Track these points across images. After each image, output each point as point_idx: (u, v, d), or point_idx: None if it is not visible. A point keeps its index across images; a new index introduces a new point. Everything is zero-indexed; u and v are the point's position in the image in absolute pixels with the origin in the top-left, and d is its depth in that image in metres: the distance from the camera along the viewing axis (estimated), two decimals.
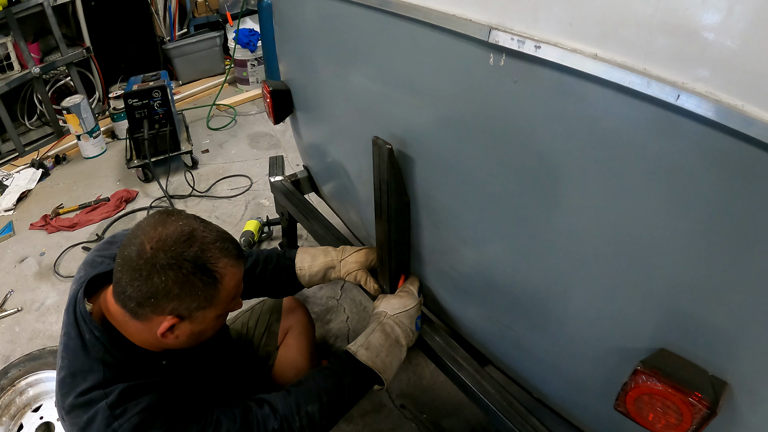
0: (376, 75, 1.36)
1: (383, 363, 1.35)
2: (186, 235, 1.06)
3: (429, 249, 1.48)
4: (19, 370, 2.17)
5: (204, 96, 4.59)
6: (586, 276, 1.04)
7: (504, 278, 1.26)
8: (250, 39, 4.27)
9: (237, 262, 1.13)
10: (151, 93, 3.24)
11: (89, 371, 1.11)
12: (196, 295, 1.06)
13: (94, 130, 3.79)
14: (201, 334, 1.16)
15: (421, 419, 2.08)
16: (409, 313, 1.46)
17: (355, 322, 2.49)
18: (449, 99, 1.14)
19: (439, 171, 1.27)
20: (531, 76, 0.91)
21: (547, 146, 0.96)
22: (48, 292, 2.77)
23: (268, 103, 1.94)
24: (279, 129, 4.10)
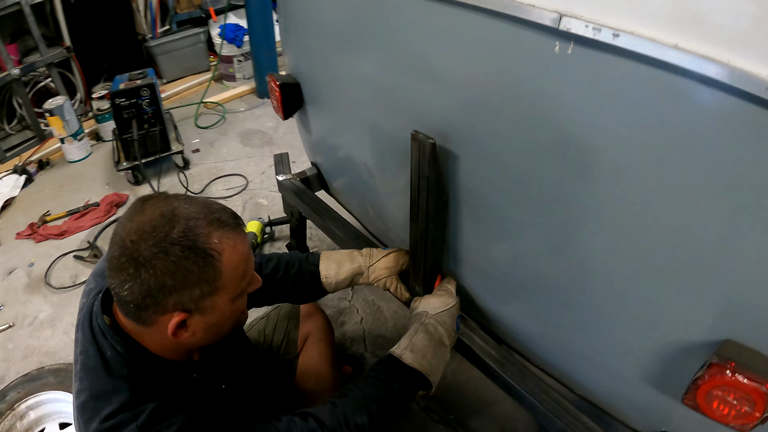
0: (414, 65, 1.27)
1: (430, 365, 1.28)
2: (167, 215, 0.92)
3: (467, 247, 1.42)
4: (18, 393, 2.06)
5: (190, 94, 4.46)
6: (649, 269, 1.02)
7: (556, 274, 1.22)
8: (236, 34, 4.15)
9: (235, 232, 0.98)
10: (139, 91, 3.11)
11: (113, 392, 0.99)
12: (194, 282, 0.92)
13: (78, 132, 3.64)
14: (219, 326, 1.04)
15: (448, 420, 2.02)
16: (451, 312, 1.40)
17: (370, 323, 2.41)
18: (504, 90, 1.07)
19: (488, 166, 1.20)
20: (603, 65, 0.87)
21: (615, 138, 0.93)
22: (40, 305, 2.63)
23: (276, 97, 1.84)
24: (271, 126, 3.99)
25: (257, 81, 4.30)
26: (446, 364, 1.33)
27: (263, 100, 4.28)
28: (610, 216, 1.02)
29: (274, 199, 3.21)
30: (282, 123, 4.00)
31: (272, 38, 4.04)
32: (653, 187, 0.92)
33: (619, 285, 1.11)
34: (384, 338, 2.34)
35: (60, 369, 2.14)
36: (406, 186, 1.46)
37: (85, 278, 2.76)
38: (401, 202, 1.55)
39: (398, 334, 2.30)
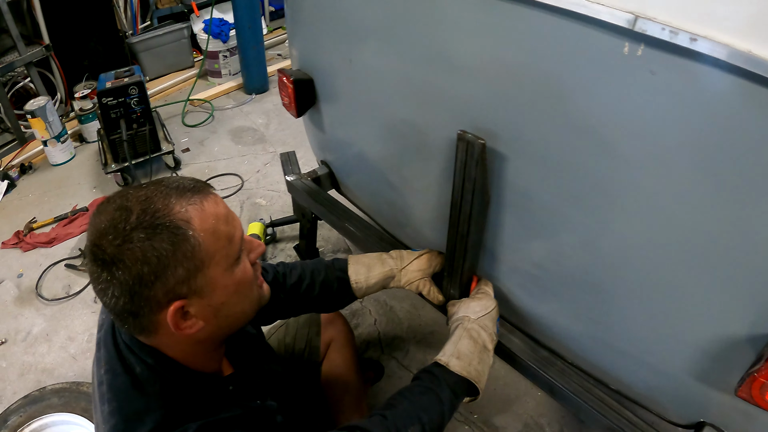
0: (462, 62, 1.21)
1: (477, 371, 1.24)
2: (122, 207, 0.83)
3: (506, 248, 1.39)
4: (20, 417, 1.95)
5: (174, 92, 4.33)
6: (699, 263, 1.03)
7: (604, 271, 1.21)
8: (222, 29, 4.03)
9: (200, 194, 0.88)
10: (128, 90, 2.99)
11: (146, 411, 0.90)
12: (173, 262, 0.82)
13: (61, 134, 3.51)
14: (230, 306, 0.94)
15: (472, 420, 1.99)
16: (491, 316, 1.35)
17: (384, 324, 2.35)
18: (564, 90, 1.03)
19: (540, 167, 1.16)
20: (674, 68, 0.86)
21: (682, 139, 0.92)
22: (33, 318, 2.52)
23: (289, 93, 1.76)
24: (261, 122, 3.89)
25: (245, 77, 4.18)
26: (489, 367, 1.29)
27: (251, 96, 4.18)
28: (663, 211, 1.02)
29: (272, 199, 3.13)
30: (273, 119, 3.91)
31: (260, 32, 3.94)
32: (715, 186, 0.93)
33: (668, 281, 1.10)
34: (400, 339, 2.29)
35: (63, 389, 2.04)
36: (438, 185, 1.43)
37: (79, 288, 2.65)
38: (431, 201, 1.52)
39: (413, 335, 2.27)
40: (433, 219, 1.56)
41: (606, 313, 1.27)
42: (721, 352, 1.11)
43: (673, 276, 1.09)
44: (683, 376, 1.21)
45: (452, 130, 1.23)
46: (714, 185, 0.93)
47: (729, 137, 0.86)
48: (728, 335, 1.07)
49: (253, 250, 0.99)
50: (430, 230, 1.62)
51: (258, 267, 1.01)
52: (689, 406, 1.30)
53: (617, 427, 1.30)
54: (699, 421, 1.30)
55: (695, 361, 1.17)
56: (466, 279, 1.44)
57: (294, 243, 2.77)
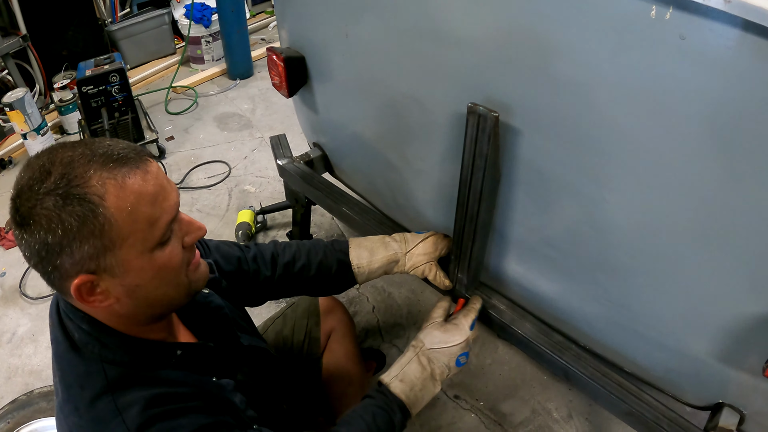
0: (472, 31, 1.14)
1: (416, 397, 1.22)
2: (43, 167, 0.76)
3: (519, 228, 1.33)
4: (8, 423, 1.86)
5: (156, 79, 4.22)
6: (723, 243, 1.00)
7: (623, 250, 1.16)
8: (204, 13, 3.92)
9: (126, 167, 0.79)
10: (108, 77, 2.90)
11: (86, 376, 0.86)
12: (78, 237, 0.76)
13: (41, 126, 3.39)
14: (149, 288, 0.86)
15: (478, 407, 1.94)
16: (450, 351, 1.28)
17: (383, 311, 2.29)
18: (585, 57, 0.98)
19: (556, 141, 1.11)
20: (706, 32, 0.81)
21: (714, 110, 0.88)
22: (18, 318, 2.43)
23: (280, 73, 1.67)
24: (247, 108, 3.80)
25: (228, 62, 4.09)
26: (431, 397, 1.27)
27: (236, 81, 4.08)
28: (687, 187, 0.98)
29: (261, 185, 3.05)
30: (259, 105, 3.83)
31: (243, 16, 3.84)
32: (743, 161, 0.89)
33: (691, 260, 1.07)
34: (400, 327, 2.23)
35: (51, 392, 1.95)
36: (444, 163, 1.37)
37: None
38: (435, 181, 1.45)
39: (414, 322, 2.22)
40: (438, 199, 1.50)
41: (624, 294, 1.23)
42: (744, 332, 1.08)
43: (696, 255, 1.05)
44: (704, 357, 1.19)
45: (460, 104, 1.16)
46: (744, 159, 0.88)
47: (761, 107, 0.81)
48: (752, 314, 1.05)
49: (190, 233, 0.90)
50: (433, 212, 1.56)
51: (193, 250, 0.94)
52: (708, 387, 1.27)
53: (636, 411, 1.26)
54: (717, 402, 1.27)
55: (717, 342, 1.14)
56: (476, 264, 1.38)
57: (285, 230, 2.70)
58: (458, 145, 1.21)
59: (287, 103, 3.67)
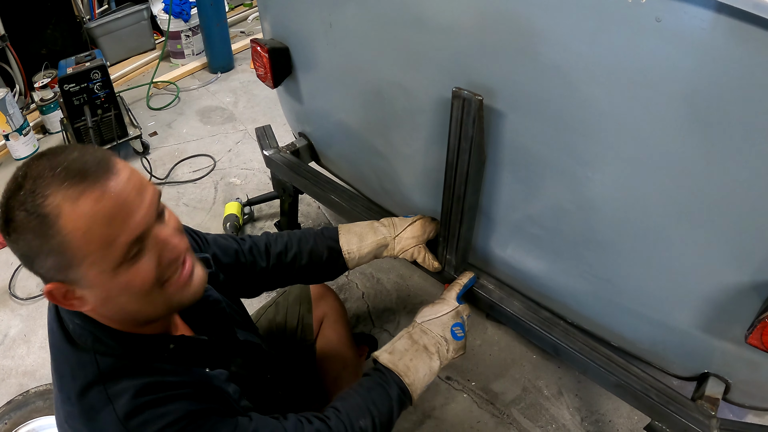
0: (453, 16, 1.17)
1: (406, 366, 1.21)
2: (16, 180, 0.77)
3: (505, 208, 1.36)
4: (5, 424, 1.86)
5: (137, 75, 4.18)
6: (703, 214, 1.04)
7: (607, 225, 1.20)
8: (183, 8, 3.89)
9: (82, 187, 0.75)
10: (90, 74, 2.87)
11: (78, 366, 0.87)
12: (42, 252, 0.76)
13: (23, 126, 3.36)
14: (118, 304, 0.85)
15: (470, 388, 1.98)
16: (441, 321, 1.31)
17: (373, 297, 2.31)
18: (565, 40, 1.01)
19: (538, 121, 1.14)
20: (681, 14, 0.85)
21: (689, 88, 0.92)
22: (8, 320, 2.41)
23: (264, 64, 1.69)
24: (229, 101, 3.78)
25: (209, 55, 4.06)
26: (432, 372, 1.25)
27: (217, 75, 4.06)
28: (666, 162, 1.02)
29: (246, 177, 3.05)
30: (241, 97, 3.81)
31: (222, 9, 3.82)
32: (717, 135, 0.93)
33: (672, 232, 1.11)
34: (390, 311, 2.26)
35: (47, 391, 1.95)
36: (429, 148, 1.39)
37: None
38: (421, 165, 1.48)
39: (403, 306, 2.25)
40: (423, 184, 1.52)
41: (609, 269, 1.26)
42: (727, 302, 1.12)
43: (677, 227, 1.09)
44: (688, 328, 1.22)
45: (444, 88, 1.19)
46: (718, 133, 0.92)
47: (737, 85, 0.85)
48: (733, 284, 1.09)
49: (167, 249, 0.86)
50: (420, 196, 1.58)
51: (175, 266, 0.89)
52: (693, 358, 1.31)
53: (625, 382, 1.30)
54: (703, 372, 1.32)
55: (701, 313, 1.18)
56: (464, 245, 1.40)
57: (272, 221, 2.71)
58: (443, 129, 1.24)
59: (269, 95, 3.67)
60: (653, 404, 1.26)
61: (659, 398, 1.26)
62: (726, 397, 1.32)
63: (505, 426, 1.86)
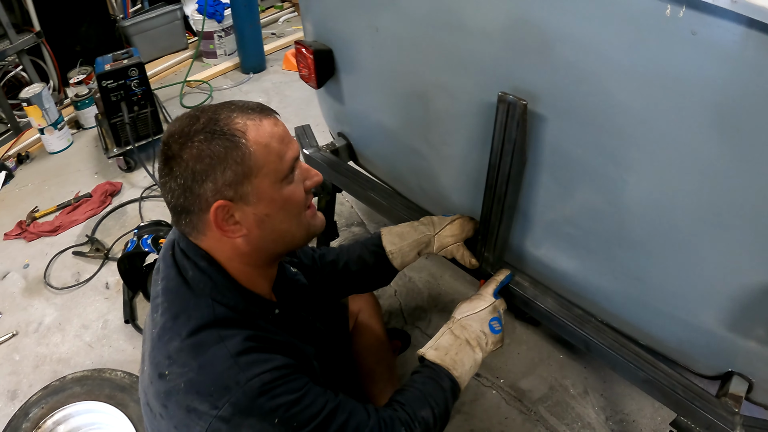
0: (502, 26, 1.22)
1: (452, 360, 1.25)
2: (192, 116, 0.93)
3: (542, 209, 1.40)
4: (42, 408, 1.92)
5: (169, 74, 4.29)
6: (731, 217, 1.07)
7: (642, 227, 1.24)
8: (216, 9, 3.99)
9: (261, 114, 0.96)
10: (128, 72, 2.96)
11: (195, 308, 0.96)
12: (223, 163, 0.90)
13: (58, 121, 3.46)
14: (274, 221, 0.98)
15: (499, 385, 2.03)
16: (479, 316, 1.36)
17: (405, 295, 2.37)
18: (607, 51, 1.07)
19: (582, 127, 1.19)
20: (715, 28, 0.90)
21: (721, 96, 0.96)
22: (43, 308, 2.48)
23: (309, 65, 1.75)
24: (262, 101, 3.77)
25: (242, 56, 4.15)
26: (476, 364, 1.30)
27: (249, 75, 4.15)
28: (699, 167, 1.06)
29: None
30: (273, 97, 3.90)
31: (256, 10, 3.91)
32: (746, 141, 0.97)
33: (702, 234, 1.14)
34: (421, 309, 2.31)
35: (85, 377, 2.00)
36: (470, 149, 1.43)
37: (89, 275, 2.62)
38: (461, 166, 1.52)
39: (434, 304, 2.30)
40: (462, 184, 1.57)
41: (640, 268, 1.30)
42: (751, 302, 1.14)
43: (705, 229, 1.12)
44: (714, 327, 1.25)
45: (488, 93, 1.24)
46: (746, 139, 0.96)
47: (764, 93, 0.90)
48: (758, 285, 1.11)
49: (309, 178, 1.04)
50: (458, 195, 1.63)
51: (311, 197, 1.07)
52: (718, 357, 1.34)
53: (653, 378, 1.33)
54: (727, 371, 1.34)
55: (726, 313, 1.21)
56: (502, 244, 1.45)
57: None
58: (485, 132, 1.29)
59: (301, 96, 3.74)
60: (679, 400, 1.29)
61: (685, 394, 1.29)
62: (749, 397, 1.34)
63: (532, 423, 1.90)
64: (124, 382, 1.95)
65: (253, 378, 0.90)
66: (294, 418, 0.91)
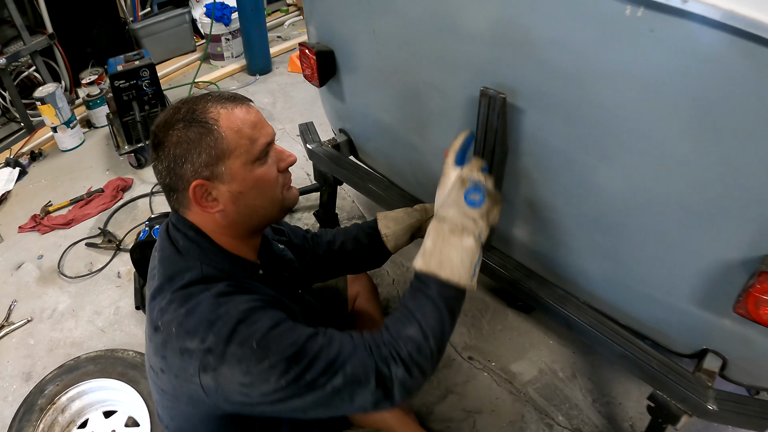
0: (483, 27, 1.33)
1: (438, 261, 1.11)
2: (175, 107, 1.07)
3: (524, 195, 1.51)
4: (57, 386, 2.00)
5: (178, 76, 4.40)
6: (699, 200, 1.16)
7: (617, 211, 1.32)
8: (224, 12, 4.11)
9: (233, 103, 1.07)
10: (139, 72, 3.07)
11: (186, 270, 1.08)
12: (198, 148, 1.03)
13: (71, 119, 3.57)
14: (248, 197, 1.08)
15: (490, 368, 2.12)
16: (451, 198, 1.20)
17: (402, 283, 2.47)
18: (575, 48, 1.18)
19: (554, 118, 1.29)
20: (670, 25, 1.00)
21: (678, 87, 1.06)
22: (57, 296, 2.58)
23: (312, 65, 1.86)
24: (268, 101, 3.97)
25: (248, 58, 4.27)
26: (468, 249, 1.13)
27: (255, 77, 4.26)
28: (664, 152, 1.15)
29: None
30: (279, 98, 4.01)
31: (262, 14, 4.03)
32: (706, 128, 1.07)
33: (671, 216, 1.23)
34: None
35: (98, 356, 2.09)
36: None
37: (101, 265, 2.73)
38: None
39: None
40: None
41: (616, 249, 1.39)
42: (720, 280, 1.23)
43: (674, 212, 1.21)
44: (686, 306, 1.33)
45: (473, 89, 1.36)
46: (704, 127, 1.06)
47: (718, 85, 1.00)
48: (726, 262, 1.20)
49: (283, 159, 1.15)
50: None
51: (287, 176, 1.18)
52: (693, 335, 1.42)
53: (629, 353, 1.42)
54: (702, 348, 1.42)
55: (696, 291, 1.29)
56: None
57: (309, 212, 2.88)
58: (471, 124, 1.39)
59: (306, 97, 3.85)
60: (655, 374, 1.37)
61: (660, 368, 1.36)
62: (725, 375, 1.41)
63: (522, 403, 1.99)
64: (136, 361, 2.05)
65: (233, 309, 1.00)
66: (273, 342, 0.97)
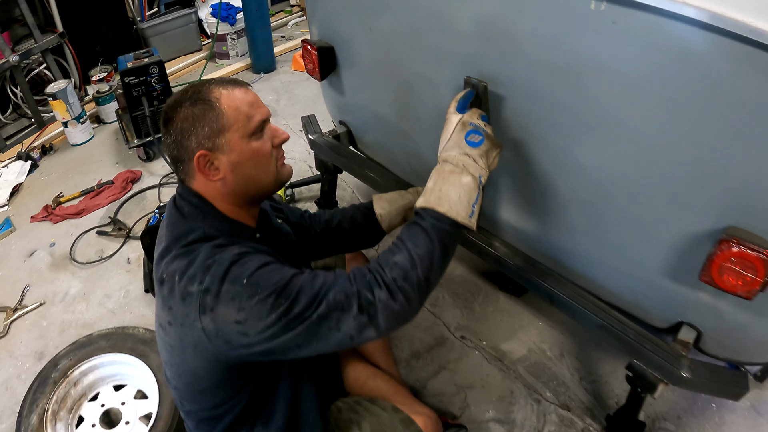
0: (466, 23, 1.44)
1: (437, 198, 1.19)
2: (185, 90, 1.22)
3: (508, 177, 1.61)
4: (70, 360, 2.08)
5: (184, 74, 4.52)
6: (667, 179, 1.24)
7: (589, 189, 1.42)
8: (229, 12, 4.23)
9: (234, 85, 1.22)
10: (148, 69, 3.19)
11: (190, 231, 1.19)
12: (202, 122, 1.16)
13: (81, 115, 3.69)
14: (245, 167, 1.21)
15: (482, 346, 2.22)
16: (453, 140, 1.28)
17: None
18: (546, 40, 1.28)
19: (534, 104, 1.39)
20: (630, 17, 1.10)
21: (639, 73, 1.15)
22: (69, 281, 2.67)
23: (313, 60, 1.99)
24: (272, 98, 4.09)
25: (253, 57, 4.39)
26: (465, 186, 1.21)
27: (260, 75, 4.38)
28: (633, 134, 1.24)
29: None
30: (283, 96, 4.13)
31: (267, 14, 4.14)
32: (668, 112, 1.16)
33: (641, 194, 1.32)
34: None
35: (110, 333, 2.16)
36: None
37: (111, 251, 2.84)
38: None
39: None
40: None
41: (591, 225, 1.48)
42: (688, 251, 1.29)
43: (646, 188, 1.30)
44: (658, 279, 1.41)
45: (458, 78, 1.48)
46: (667, 108, 1.14)
47: (676, 70, 1.10)
48: (692, 235, 1.27)
49: (277, 136, 1.28)
50: None
51: (281, 152, 1.31)
52: (667, 308, 1.49)
53: (607, 324, 1.51)
54: (678, 321, 1.50)
55: (668, 264, 1.36)
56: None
57: (311, 202, 3.01)
58: None
59: (308, 95, 3.98)
60: (631, 343, 1.45)
61: (636, 338, 1.45)
62: (701, 347, 1.49)
63: (511, 380, 2.10)
64: (146, 336, 2.14)
65: (227, 254, 1.12)
66: (262, 278, 1.08)
